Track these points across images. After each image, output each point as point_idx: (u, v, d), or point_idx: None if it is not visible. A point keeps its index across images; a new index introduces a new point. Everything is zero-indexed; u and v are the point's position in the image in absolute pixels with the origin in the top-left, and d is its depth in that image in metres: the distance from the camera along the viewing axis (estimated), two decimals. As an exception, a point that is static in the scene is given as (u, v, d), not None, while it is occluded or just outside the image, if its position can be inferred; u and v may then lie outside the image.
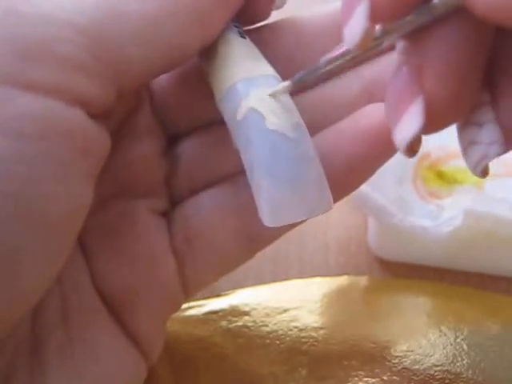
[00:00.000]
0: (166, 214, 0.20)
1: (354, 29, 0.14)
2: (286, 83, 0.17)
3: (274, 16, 0.20)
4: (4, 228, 0.13)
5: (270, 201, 0.16)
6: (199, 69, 0.19)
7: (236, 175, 0.19)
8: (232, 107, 0.17)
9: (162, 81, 0.20)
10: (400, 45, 0.15)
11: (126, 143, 0.19)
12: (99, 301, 0.18)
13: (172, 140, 0.20)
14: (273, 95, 0.17)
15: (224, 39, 0.18)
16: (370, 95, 0.19)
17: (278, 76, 0.18)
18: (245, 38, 0.18)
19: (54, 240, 0.15)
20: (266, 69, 0.18)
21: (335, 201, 0.18)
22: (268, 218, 0.16)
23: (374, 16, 0.13)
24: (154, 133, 0.20)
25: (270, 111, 0.16)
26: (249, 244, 0.20)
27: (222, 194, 0.19)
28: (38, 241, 0.14)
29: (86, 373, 0.17)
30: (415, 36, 0.14)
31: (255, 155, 0.16)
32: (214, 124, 0.20)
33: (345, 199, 0.28)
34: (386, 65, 0.19)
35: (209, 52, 0.18)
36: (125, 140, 0.19)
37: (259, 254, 0.20)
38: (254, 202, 0.18)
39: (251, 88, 0.17)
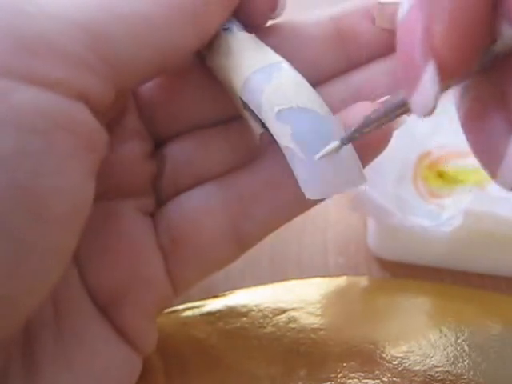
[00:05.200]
0: (153, 214, 0.20)
1: (426, 98, 0.13)
2: (336, 143, 0.17)
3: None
4: (12, 221, 0.14)
5: (308, 175, 0.17)
6: (184, 73, 0.20)
7: (222, 175, 0.20)
8: (256, 92, 0.18)
9: (149, 85, 0.20)
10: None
11: (113, 145, 0.19)
12: (88, 298, 0.19)
13: (159, 142, 0.20)
14: (323, 155, 0.17)
15: (233, 34, 0.19)
16: (357, 101, 0.19)
17: (287, 62, 0.18)
18: (249, 32, 0.19)
19: (59, 234, 0.15)
20: (278, 58, 0.18)
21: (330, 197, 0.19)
22: (308, 190, 0.17)
23: (443, 78, 0.13)
24: (141, 135, 0.20)
25: (297, 93, 0.17)
26: (236, 243, 0.20)
27: (207, 193, 0.20)
28: (44, 235, 0.14)
29: (78, 367, 0.18)
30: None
31: (290, 132, 0.17)
32: (200, 127, 0.20)
33: (344, 199, 0.28)
34: (376, 72, 0.20)
35: (216, 51, 0.19)
36: (111, 142, 0.19)
37: (257, 255, 0.20)
38: (240, 201, 0.19)
39: (275, 72, 0.18)
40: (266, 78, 0.18)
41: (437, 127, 0.31)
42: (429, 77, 0.13)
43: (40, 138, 0.14)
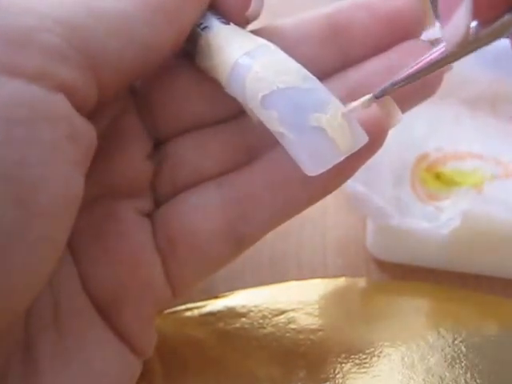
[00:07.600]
0: (151, 215, 0.20)
1: (457, 27, 0.14)
2: (368, 96, 0.17)
3: (254, 25, 0.20)
4: None
5: (303, 152, 0.17)
6: (182, 72, 0.20)
7: (221, 176, 0.20)
8: (239, 84, 0.18)
9: (147, 85, 0.20)
10: None
11: (112, 146, 0.19)
12: (88, 299, 0.18)
13: (158, 142, 0.20)
14: (351, 110, 0.17)
15: (211, 32, 0.19)
16: (353, 99, 0.19)
17: (272, 44, 0.18)
18: (229, 23, 0.19)
19: (47, 225, 0.15)
20: (259, 41, 0.19)
21: (333, 189, 0.19)
22: (308, 167, 0.17)
23: (476, 12, 0.14)
24: (140, 136, 0.20)
25: (277, 73, 0.17)
26: (234, 243, 0.20)
27: (205, 194, 0.20)
28: (31, 226, 0.14)
29: (77, 368, 0.18)
30: None
31: (276, 116, 0.17)
32: (198, 127, 0.20)
33: (343, 200, 0.28)
34: (372, 69, 0.20)
35: (200, 52, 0.19)
36: (111, 143, 0.19)
37: (257, 256, 0.20)
38: (238, 202, 0.19)
39: (252, 59, 0.18)
40: (244, 70, 0.18)
41: (434, 129, 0.31)
42: (464, 7, 0.14)
43: (23, 127, 0.14)
